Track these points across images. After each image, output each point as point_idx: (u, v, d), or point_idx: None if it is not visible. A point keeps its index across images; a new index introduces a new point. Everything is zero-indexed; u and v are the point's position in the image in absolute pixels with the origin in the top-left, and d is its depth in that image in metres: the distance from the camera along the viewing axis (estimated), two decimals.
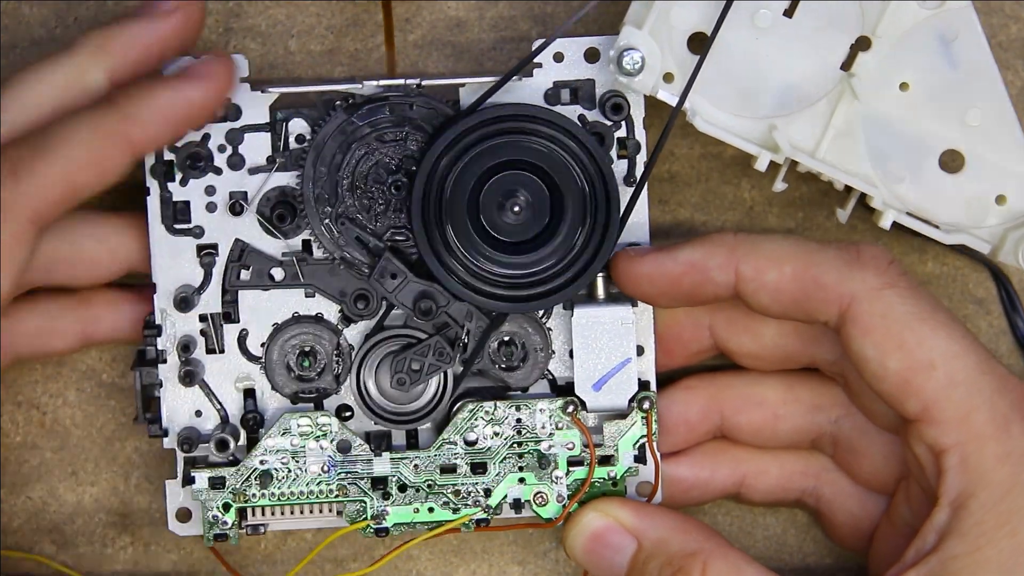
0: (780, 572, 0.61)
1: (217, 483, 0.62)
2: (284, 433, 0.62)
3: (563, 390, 0.63)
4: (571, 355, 0.62)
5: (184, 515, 0.63)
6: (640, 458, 0.63)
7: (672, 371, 0.65)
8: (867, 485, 0.64)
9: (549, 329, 0.63)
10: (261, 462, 0.62)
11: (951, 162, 0.61)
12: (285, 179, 0.62)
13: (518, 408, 0.62)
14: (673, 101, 0.60)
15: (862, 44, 0.60)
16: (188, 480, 0.62)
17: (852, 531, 0.64)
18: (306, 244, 0.62)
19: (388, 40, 0.64)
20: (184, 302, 0.62)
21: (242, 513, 0.62)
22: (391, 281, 0.61)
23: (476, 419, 0.62)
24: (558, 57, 0.62)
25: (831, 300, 0.58)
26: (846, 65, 0.60)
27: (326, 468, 0.62)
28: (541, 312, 0.63)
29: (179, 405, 0.63)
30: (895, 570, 0.58)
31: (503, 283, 0.61)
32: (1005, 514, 0.57)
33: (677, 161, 0.67)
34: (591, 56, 0.62)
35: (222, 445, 0.62)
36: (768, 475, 0.65)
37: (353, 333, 0.63)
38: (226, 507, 0.62)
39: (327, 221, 0.62)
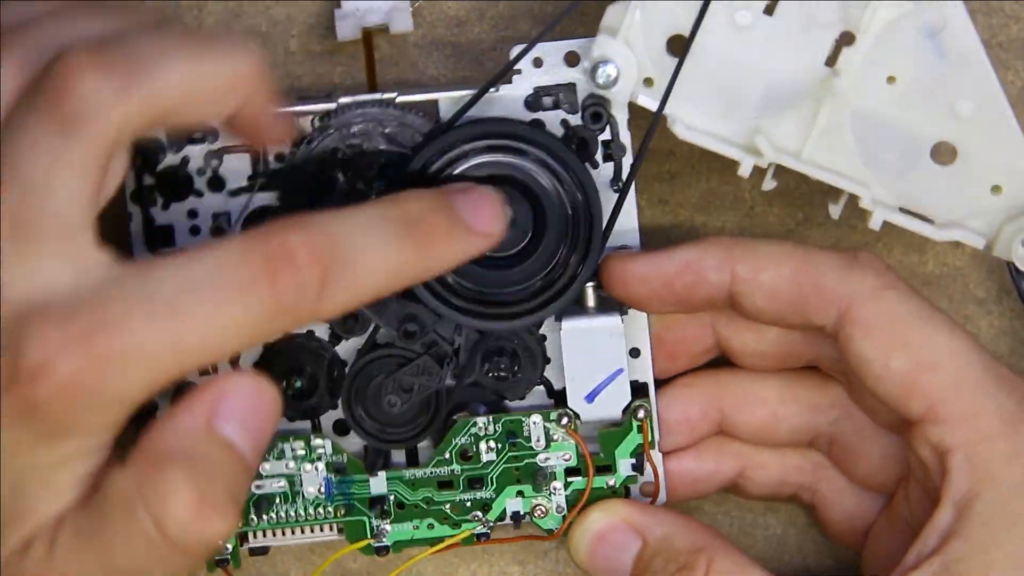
0: (780, 572, 0.61)
1: None
2: (279, 457, 0.62)
3: (560, 396, 0.62)
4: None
5: None
6: (638, 467, 0.62)
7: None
8: (864, 485, 0.63)
9: (543, 336, 0.62)
10: (258, 487, 0.62)
11: (943, 155, 0.59)
12: (267, 199, 0.61)
13: (512, 422, 0.61)
14: (654, 106, 0.58)
15: (846, 39, 0.58)
16: None
17: (848, 528, 0.64)
18: None
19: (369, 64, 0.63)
20: None
21: (243, 537, 0.62)
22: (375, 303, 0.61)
23: (470, 434, 0.62)
24: (537, 62, 0.60)
25: (829, 301, 0.57)
26: (830, 61, 0.58)
27: (323, 490, 0.62)
28: None
29: None
30: (895, 574, 0.57)
31: (490, 300, 0.60)
32: (1013, 515, 0.55)
33: (677, 161, 0.65)
34: (571, 60, 0.60)
35: None
36: (767, 468, 0.64)
37: (344, 349, 0.62)
38: None
39: None
